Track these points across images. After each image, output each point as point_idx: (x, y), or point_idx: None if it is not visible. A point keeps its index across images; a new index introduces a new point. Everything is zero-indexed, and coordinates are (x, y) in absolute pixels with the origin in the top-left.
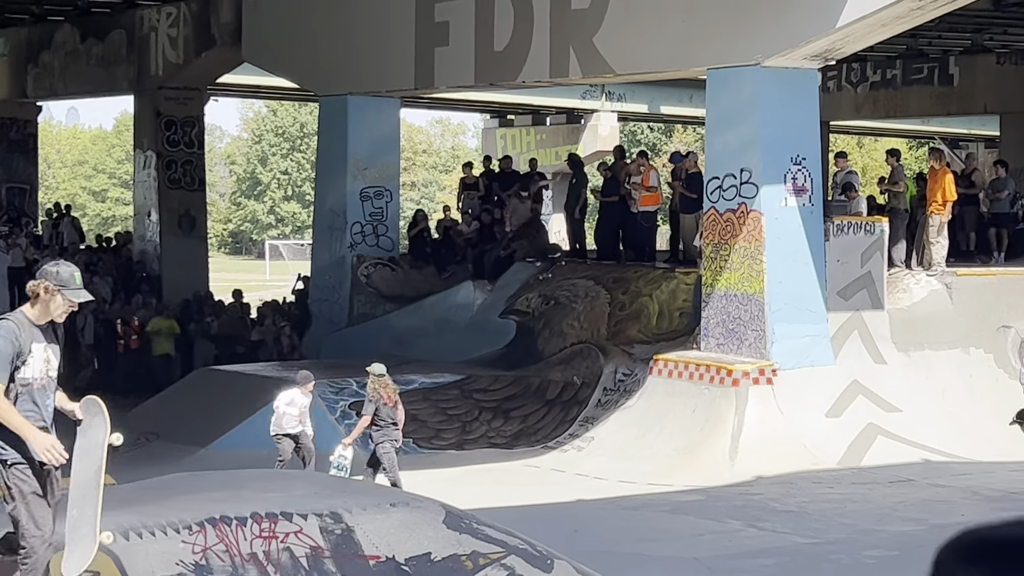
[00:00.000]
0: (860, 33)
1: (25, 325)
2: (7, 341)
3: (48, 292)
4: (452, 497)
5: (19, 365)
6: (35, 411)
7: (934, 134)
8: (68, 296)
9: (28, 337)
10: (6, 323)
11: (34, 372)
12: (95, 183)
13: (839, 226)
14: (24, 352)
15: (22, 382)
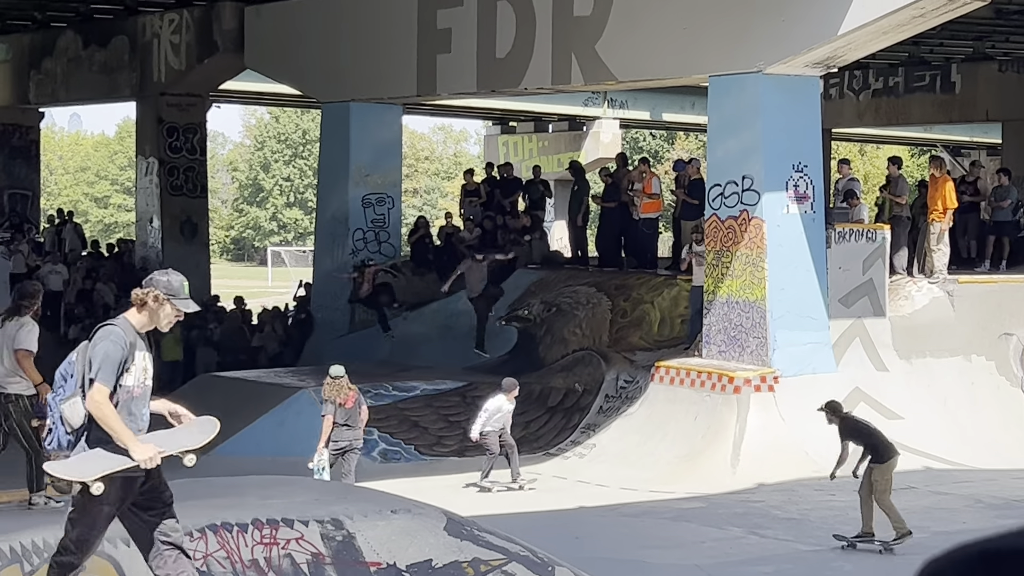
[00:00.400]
0: (862, 40)
1: (130, 332)
2: (117, 347)
3: (157, 301)
4: (453, 504)
5: (121, 372)
6: (131, 420)
7: (936, 142)
8: (177, 305)
9: (133, 345)
10: (115, 329)
11: (134, 380)
12: (97, 189)
13: (841, 233)
14: (129, 360)
15: (123, 391)
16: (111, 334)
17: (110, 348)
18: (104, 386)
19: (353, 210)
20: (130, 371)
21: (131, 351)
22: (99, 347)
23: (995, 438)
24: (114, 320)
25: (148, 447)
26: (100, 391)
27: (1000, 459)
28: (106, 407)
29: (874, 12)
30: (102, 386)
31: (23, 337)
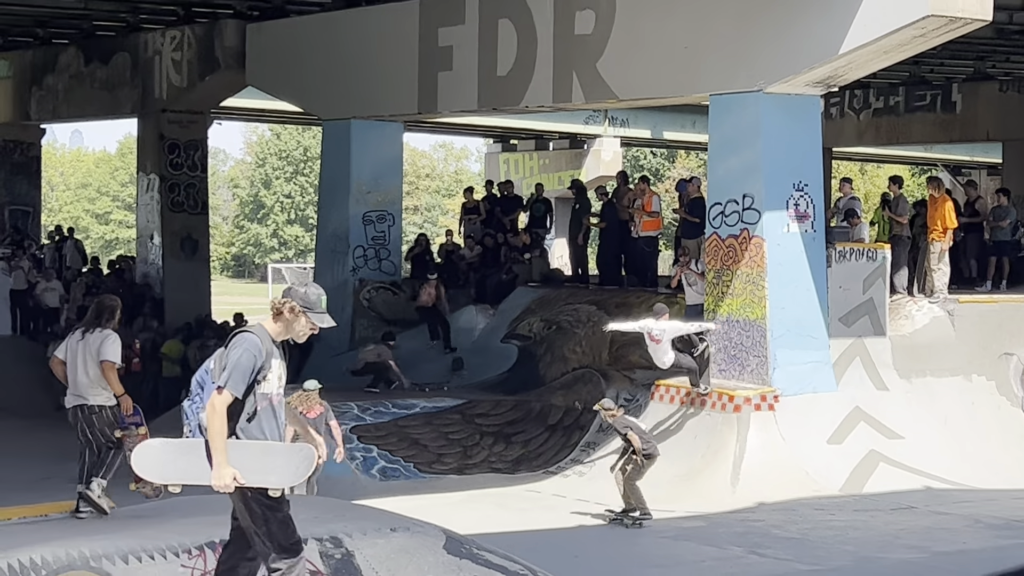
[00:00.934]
0: (863, 60)
1: (267, 340)
2: (250, 355)
3: (293, 313)
4: (453, 522)
5: (259, 380)
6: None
7: (936, 161)
8: (313, 319)
9: (269, 353)
10: (251, 337)
11: (272, 387)
12: (98, 206)
13: (841, 252)
14: (265, 367)
15: (262, 397)
16: (245, 341)
17: (243, 356)
18: (228, 393)
19: (354, 227)
20: (268, 379)
21: (267, 359)
22: (232, 354)
23: (995, 458)
24: (250, 327)
25: (228, 472)
26: (222, 398)
27: (1000, 479)
28: (219, 416)
29: (875, 32)
30: (226, 393)
31: (107, 348)
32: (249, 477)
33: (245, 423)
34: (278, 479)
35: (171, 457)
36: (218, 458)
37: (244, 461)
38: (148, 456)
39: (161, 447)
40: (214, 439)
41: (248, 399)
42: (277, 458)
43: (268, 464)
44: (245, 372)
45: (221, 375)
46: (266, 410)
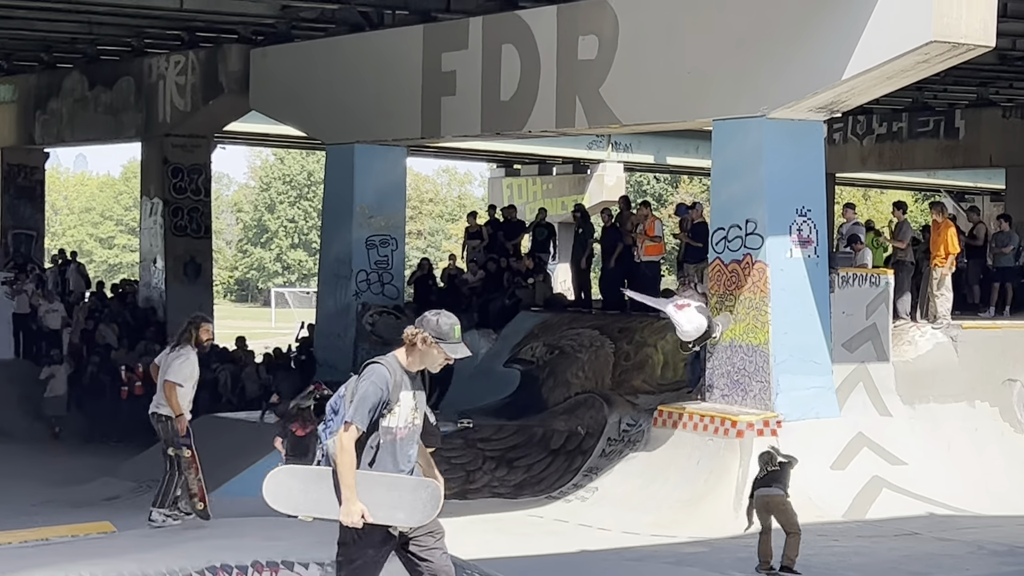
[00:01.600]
0: (866, 86)
1: (397, 372)
2: (376, 388)
3: (426, 343)
4: (455, 547)
5: (384, 413)
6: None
7: (939, 187)
8: (446, 349)
9: (398, 385)
10: (379, 369)
11: (399, 421)
12: (102, 230)
13: (844, 278)
14: (392, 401)
15: (385, 432)
16: (373, 374)
17: (369, 389)
18: (355, 428)
19: (356, 251)
20: (394, 412)
21: (395, 392)
22: (360, 386)
23: (999, 484)
24: (382, 358)
25: (357, 509)
26: (349, 434)
27: (1004, 505)
28: (346, 452)
29: (878, 57)
30: (352, 428)
31: (175, 368)
32: (376, 513)
33: (367, 457)
34: (406, 517)
35: (301, 486)
36: (346, 493)
37: (372, 496)
38: (279, 485)
39: (290, 475)
40: (343, 475)
41: (372, 433)
42: (405, 494)
43: (395, 500)
44: (370, 405)
45: (349, 409)
46: (388, 445)
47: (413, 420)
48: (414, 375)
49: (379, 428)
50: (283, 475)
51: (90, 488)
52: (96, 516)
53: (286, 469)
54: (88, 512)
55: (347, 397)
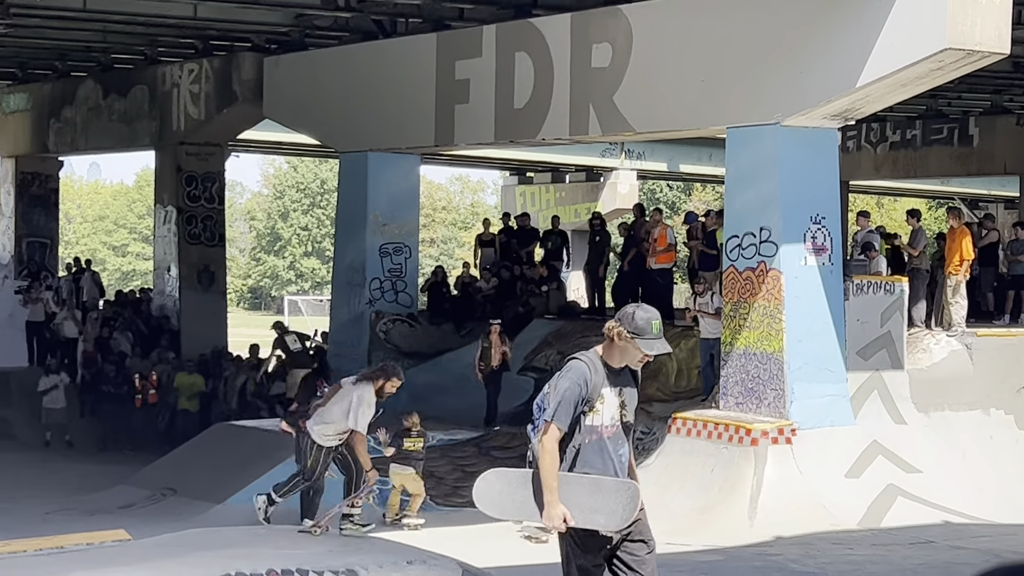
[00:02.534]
0: (880, 93)
1: (597, 368)
2: (575, 384)
3: (621, 339)
4: (469, 555)
5: (585, 411)
6: (600, 463)
7: (953, 194)
8: (641, 346)
9: (599, 382)
10: (578, 365)
11: (604, 419)
12: (115, 238)
13: (859, 285)
14: (593, 398)
15: (590, 431)
16: (572, 370)
17: (567, 387)
18: (555, 427)
19: (370, 259)
20: (596, 410)
21: (595, 389)
22: (559, 384)
23: (1013, 492)
24: (583, 353)
25: (558, 512)
26: (550, 433)
27: (1019, 513)
28: (548, 452)
29: (892, 65)
30: (553, 427)
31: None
32: (578, 517)
33: (571, 458)
34: (606, 520)
35: (508, 489)
36: (548, 496)
37: (574, 498)
38: (487, 487)
39: (498, 478)
40: (544, 477)
41: (575, 433)
42: (606, 496)
43: (596, 502)
44: (569, 404)
45: (549, 408)
46: (594, 444)
47: (621, 418)
48: (618, 371)
49: (582, 427)
50: (491, 477)
51: (105, 496)
52: (111, 524)
53: (495, 472)
54: (103, 520)
55: (549, 394)
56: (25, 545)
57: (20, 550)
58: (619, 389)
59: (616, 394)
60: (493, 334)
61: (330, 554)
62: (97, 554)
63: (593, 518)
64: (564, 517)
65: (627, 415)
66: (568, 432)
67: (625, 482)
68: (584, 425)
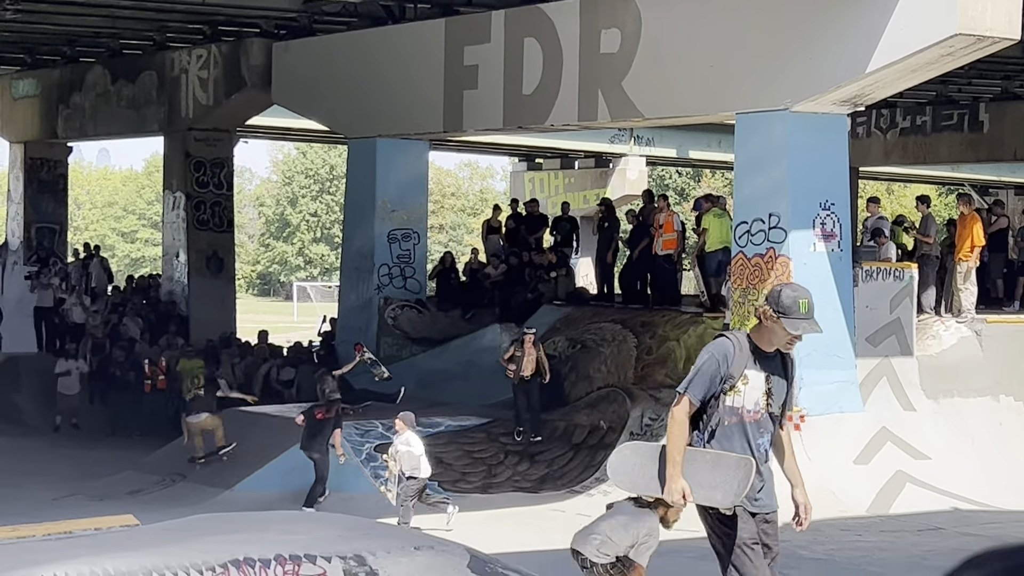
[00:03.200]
0: (890, 79)
1: (744, 347)
2: (714, 360)
3: (768, 318)
4: (477, 540)
5: (725, 390)
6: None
7: (963, 181)
8: (787, 326)
9: (743, 361)
10: (722, 341)
11: (745, 402)
12: (125, 224)
13: (868, 272)
14: (734, 376)
15: (729, 412)
16: (714, 345)
17: (705, 360)
18: (688, 400)
19: (379, 245)
20: (737, 390)
21: (737, 367)
22: (700, 358)
23: (1023, 478)
24: (733, 332)
25: (678, 487)
26: (680, 405)
27: None
28: (676, 423)
29: (902, 51)
30: (685, 399)
31: None
32: (697, 493)
33: (706, 437)
34: (722, 496)
35: (642, 463)
36: (670, 470)
37: (695, 474)
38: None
39: (633, 451)
40: (669, 448)
41: (713, 411)
42: (727, 472)
43: (716, 478)
44: (705, 377)
45: (685, 379)
46: (732, 427)
47: (766, 405)
48: (769, 356)
49: (722, 407)
50: (627, 450)
51: (113, 481)
52: (120, 509)
53: (631, 445)
54: (111, 505)
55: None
56: (33, 530)
57: (28, 535)
58: (767, 375)
59: (763, 379)
60: (527, 342)
61: (338, 539)
62: (104, 539)
63: (711, 495)
64: (684, 492)
65: (773, 405)
66: (705, 409)
67: (745, 458)
68: (724, 405)
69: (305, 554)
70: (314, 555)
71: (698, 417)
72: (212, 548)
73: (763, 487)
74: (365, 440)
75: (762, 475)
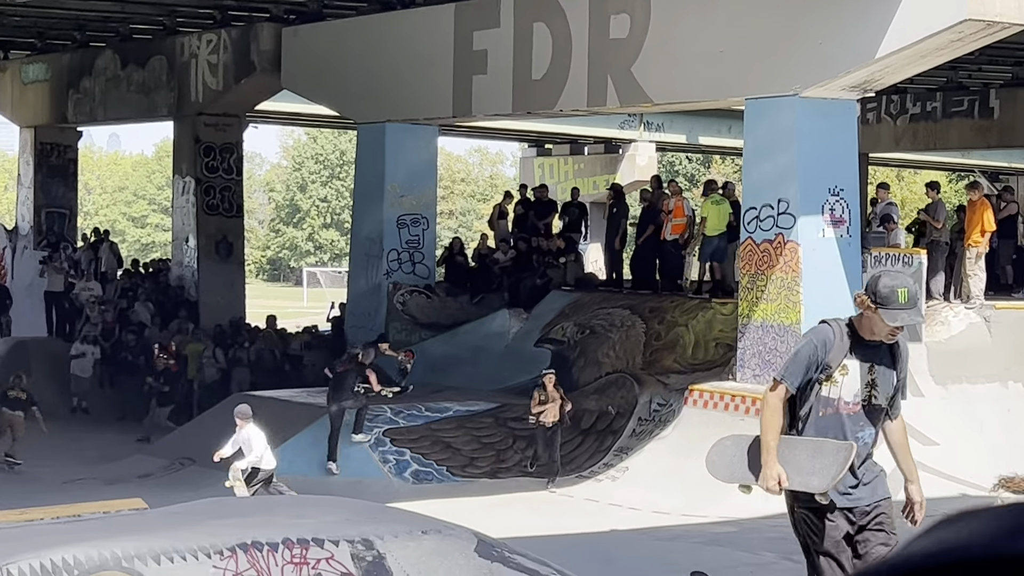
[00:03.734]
0: (899, 64)
1: (844, 334)
2: (811, 346)
3: (865, 307)
4: (485, 525)
5: (821, 379)
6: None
7: (974, 167)
8: (884, 316)
9: (842, 350)
10: (821, 327)
11: (843, 393)
12: (135, 209)
13: (877, 257)
14: (832, 365)
15: (824, 403)
16: (813, 331)
17: (802, 346)
18: (783, 386)
19: (388, 231)
20: (834, 380)
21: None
22: (799, 343)
23: None
24: (833, 319)
25: (773, 473)
26: (775, 391)
27: None
28: (769, 408)
29: (912, 36)
30: (781, 386)
31: None
32: (794, 479)
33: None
34: (819, 481)
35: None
36: (764, 456)
37: (793, 459)
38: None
39: (734, 443)
40: (763, 433)
41: (806, 401)
42: (826, 458)
43: (815, 465)
44: (801, 364)
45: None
46: (828, 419)
47: (869, 398)
48: (873, 345)
49: (817, 397)
50: (728, 442)
51: (123, 465)
52: (129, 493)
53: (732, 436)
54: (121, 489)
55: None
56: (42, 513)
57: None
58: (870, 365)
59: (866, 370)
60: (548, 386)
61: (346, 523)
62: (113, 522)
63: (808, 480)
64: (780, 478)
65: (878, 397)
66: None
67: (846, 443)
68: (820, 395)
69: (313, 538)
70: (322, 539)
71: (792, 408)
72: (220, 532)
73: (859, 482)
74: (373, 425)
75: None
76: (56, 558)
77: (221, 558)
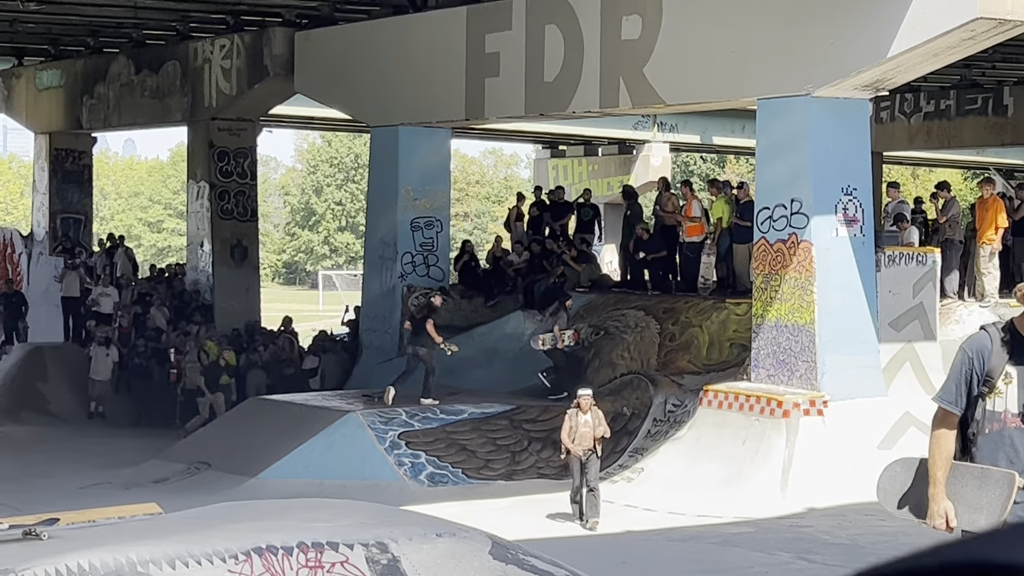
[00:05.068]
0: (912, 63)
1: (1002, 340)
2: (965, 357)
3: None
4: (500, 527)
5: (983, 392)
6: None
7: (989, 165)
8: None
9: (1002, 357)
10: (976, 334)
11: (1008, 404)
12: (151, 214)
13: (891, 256)
14: (993, 377)
15: (990, 417)
16: (968, 341)
17: (957, 360)
18: (942, 408)
19: (402, 233)
20: (999, 391)
21: (997, 361)
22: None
23: None
24: (991, 323)
25: (940, 509)
26: (937, 416)
27: None
28: (933, 439)
29: (924, 35)
30: (940, 410)
31: None
32: (962, 516)
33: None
34: (986, 519)
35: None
36: (932, 490)
37: (960, 493)
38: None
39: (905, 468)
40: (930, 466)
41: (971, 418)
42: (993, 490)
43: (982, 499)
44: (957, 381)
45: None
46: (993, 436)
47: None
48: None
49: (980, 411)
50: (897, 468)
51: (139, 470)
52: (145, 498)
53: (901, 461)
54: (137, 494)
55: None
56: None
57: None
58: None
59: None
60: (584, 406)
61: (361, 526)
62: (128, 527)
63: (975, 518)
64: (947, 518)
65: None
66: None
67: (1008, 473)
68: (984, 409)
69: (327, 541)
70: (336, 542)
71: (963, 427)
72: (234, 536)
73: None
74: (388, 428)
75: None
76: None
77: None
